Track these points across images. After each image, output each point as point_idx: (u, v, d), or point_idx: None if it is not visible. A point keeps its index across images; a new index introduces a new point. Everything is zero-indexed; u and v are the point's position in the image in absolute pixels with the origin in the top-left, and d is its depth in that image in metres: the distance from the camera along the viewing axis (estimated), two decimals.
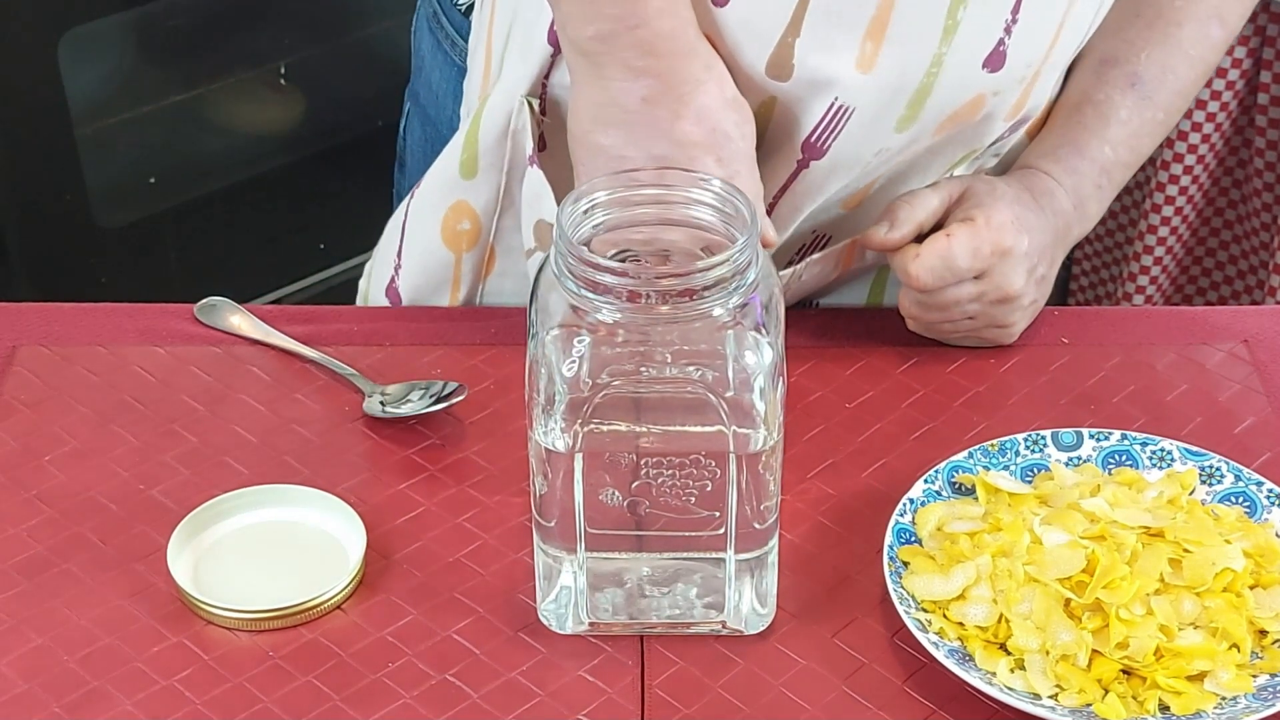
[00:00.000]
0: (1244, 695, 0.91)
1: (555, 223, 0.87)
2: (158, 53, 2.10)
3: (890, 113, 1.06)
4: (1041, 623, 0.93)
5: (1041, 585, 0.94)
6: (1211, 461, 1.03)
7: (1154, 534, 0.96)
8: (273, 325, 1.17)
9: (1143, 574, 0.93)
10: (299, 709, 0.92)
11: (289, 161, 2.19)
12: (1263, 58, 1.81)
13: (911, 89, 1.05)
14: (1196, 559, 0.95)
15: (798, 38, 1.03)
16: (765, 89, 1.05)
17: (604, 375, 0.87)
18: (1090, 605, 0.93)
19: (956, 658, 0.92)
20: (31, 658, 0.94)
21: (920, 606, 0.95)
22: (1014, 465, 1.04)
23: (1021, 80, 1.08)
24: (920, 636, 0.93)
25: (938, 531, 0.99)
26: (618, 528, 0.92)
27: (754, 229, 0.86)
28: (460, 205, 1.16)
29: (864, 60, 1.03)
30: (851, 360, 1.15)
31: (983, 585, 0.95)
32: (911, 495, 1.01)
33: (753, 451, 0.89)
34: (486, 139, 1.12)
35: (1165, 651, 0.92)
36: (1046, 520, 0.97)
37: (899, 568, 0.97)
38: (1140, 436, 1.05)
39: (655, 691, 0.93)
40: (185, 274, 2.14)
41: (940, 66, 1.04)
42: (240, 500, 1.02)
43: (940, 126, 1.08)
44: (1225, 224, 1.95)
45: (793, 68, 1.04)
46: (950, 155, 1.13)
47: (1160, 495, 1.00)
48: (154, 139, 2.12)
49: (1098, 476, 1.02)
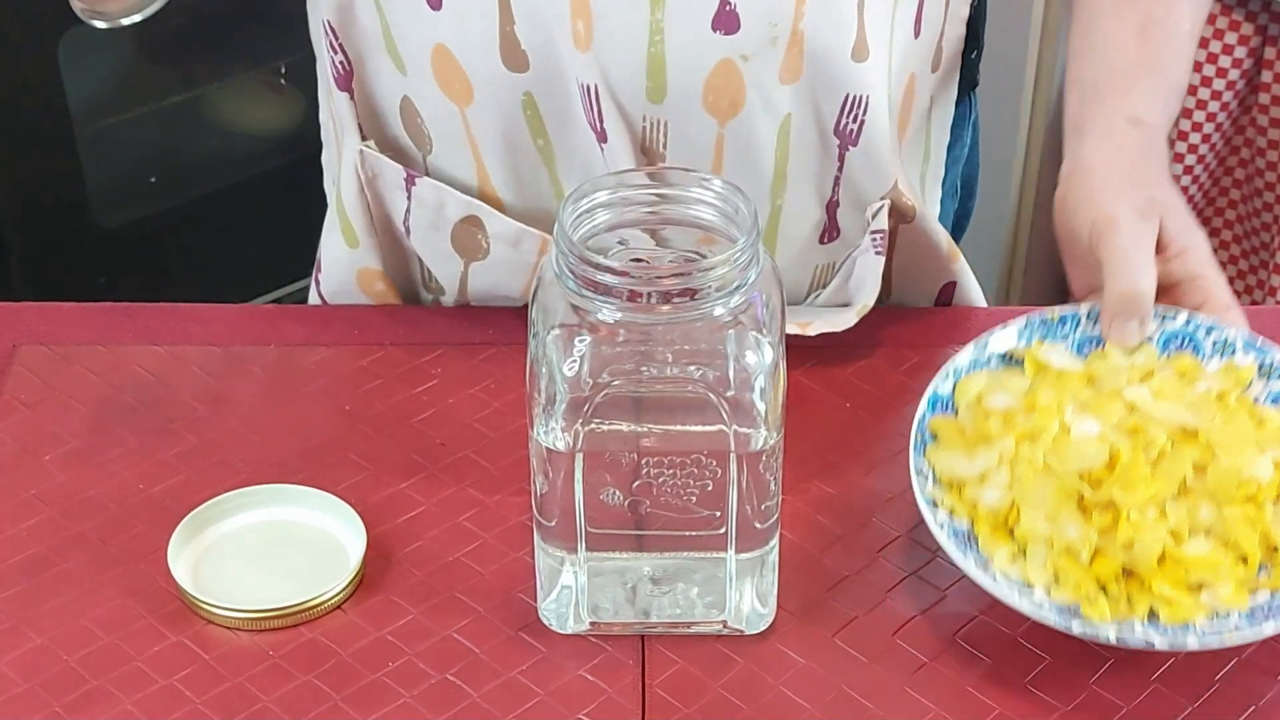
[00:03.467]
0: (1236, 612, 0.90)
1: (556, 222, 0.87)
2: (158, 53, 2.10)
3: (634, 86, 1.05)
4: (1052, 514, 0.91)
5: (1059, 476, 0.92)
6: (1274, 357, 1.00)
7: (1188, 433, 0.94)
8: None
9: (1164, 477, 0.92)
10: (299, 709, 0.92)
11: (289, 161, 2.18)
12: (1263, 57, 1.81)
13: (642, 57, 1.04)
14: (1223, 467, 0.93)
15: (515, 25, 1.04)
16: (516, 85, 1.07)
17: (605, 375, 0.87)
18: (1103, 502, 0.91)
19: (959, 539, 0.91)
20: (31, 658, 0.94)
21: (937, 481, 0.94)
22: (1071, 337, 1.01)
23: (774, 41, 1.05)
24: (928, 514, 0.92)
25: (976, 403, 0.97)
26: (618, 527, 0.92)
27: (754, 229, 0.86)
28: (366, 273, 1.20)
29: (580, 38, 1.04)
30: (851, 360, 1.15)
31: (1003, 470, 0.94)
32: (958, 363, 0.99)
33: (753, 451, 0.89)
34: (349, 200, 1.16)
35: (1169, 557, 0.90)
36: (1082, 408, 0.95)
37: (925, 439, 0.96)
38: (1207, 322, 1.01)
39: (655, 691, 0.93)
40: (185, 274, 2.14)
41: (662, 34, 1.04)
42: (240, 500, 1.02)
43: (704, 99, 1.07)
44: (1225, 224, 1.96)
45: (525, 55, 1.05)
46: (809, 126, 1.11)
47: (1209, 391, 0.97)
48: (154, 139, 2.12)
49: (1153, 360, 1.00)
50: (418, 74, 1.10)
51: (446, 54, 1.07)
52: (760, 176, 1.10)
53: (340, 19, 1.11)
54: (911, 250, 1.17)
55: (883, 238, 1.13)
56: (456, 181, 1.14)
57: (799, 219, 1.13)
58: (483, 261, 1.15)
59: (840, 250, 1.16)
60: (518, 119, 1.09)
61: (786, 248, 1.14)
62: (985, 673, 0.94)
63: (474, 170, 1.12)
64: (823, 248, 1.16)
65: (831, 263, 1.17)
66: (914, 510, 1.03)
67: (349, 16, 1.11)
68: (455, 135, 1.11)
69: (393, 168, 1.14)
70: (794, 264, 1.16)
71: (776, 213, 1.12)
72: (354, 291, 1.21)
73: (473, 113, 1.10)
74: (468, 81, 1.08)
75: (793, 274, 1.16)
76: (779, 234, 1.14)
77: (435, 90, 1.10)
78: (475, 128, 1.10)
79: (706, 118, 1.07)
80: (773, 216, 1.12)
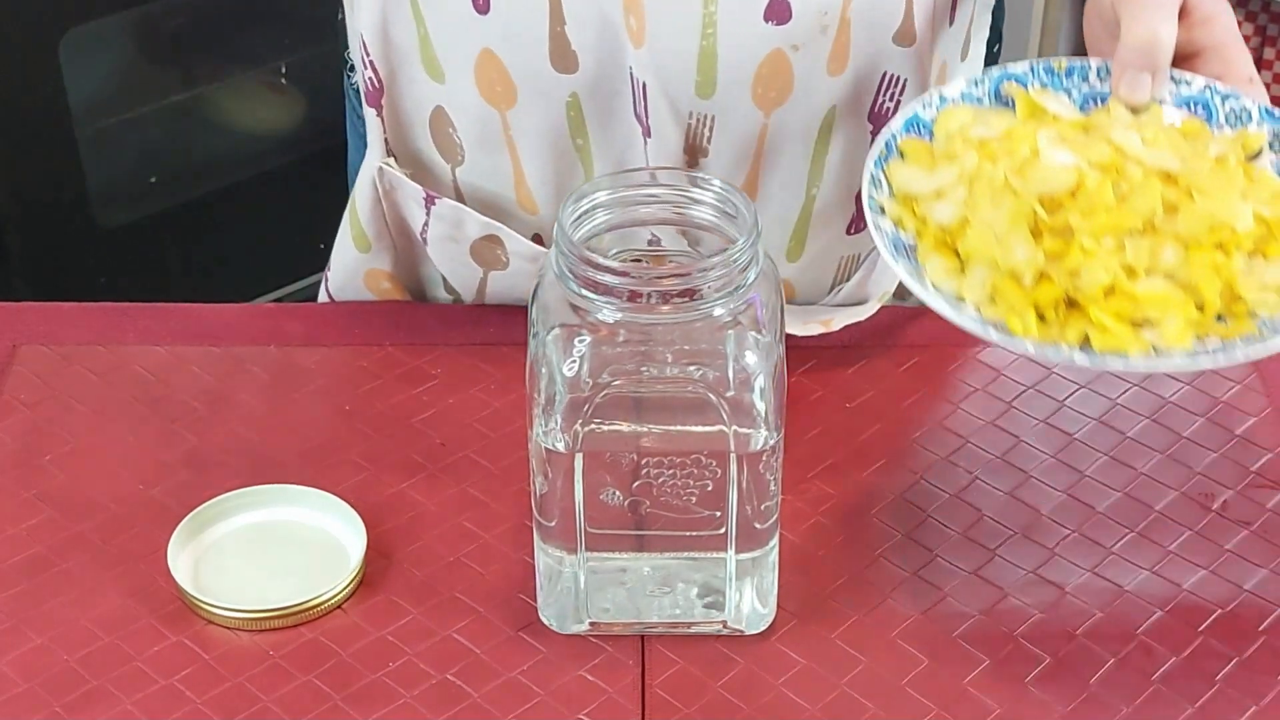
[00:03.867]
0: (1179, 351, 0.84)
1: (556, 222, 0.87)
2: (158, 53, 2.11)
3: (684, 80, 1.05)
4: (1002, 234, 0.85)
5: (1017, 196, 0.86)
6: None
7: (1169, 177, 0.88)
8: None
9: (1130, 210, 0.86)
10: (299, 709, 0.92)
11: (289, 161, 2.19)
12: (1263, 57, 1.81)
13: (694, 51, 1.04)
14: (1197, 210, 0.86)
15: (565, 25, 1.04)
16: (562, 86, 1.07)
17: (604, 375, 0.87)
18: (1058, 227, 0.85)
19: (898, 249, 0.86)
20: (31, 658, 0.94)
21: (893, 195, 0.89)
22: (1076, 91, 0.94)
23: (824, 29, 1.05)
24: (871, 219, 0.87)
25: (957, 134, 0.91)
26: (618, 527, 0.92)
27: (754, 228, 0.86)
28: (374, 273, 1.20)
29: (634, 34, 1.04)
30: (851, 360, 1.15)
31: (960, 189, 0.88)
32: (947, 92, 0.93)
33: (753, 451, 0.89)
34: (363, 210, 1.16)
35: (1118, 291, 0.84)
36: (1059, 139, 0.88)
37: (891, 154, 0.90)
38: (1223, 90, 0.94)
39: (655, 691, 0.93)
40: (185, 274, 2.14)
41: (715, 26, 1.04)
42: (240, 500, 1.02)
43: (754, 93, 1.07)
44: None
45: (574, 55, 1.05)
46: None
47: (1209, 150, 0.91)
48: (154, 139, 2.12)
49: (1159, 120, 0.93)
50: (457, 80, 1.09)
51: (492, 58, 1.07)
52: (798, 167, 1.10)
53: (374, 33, 1.10)
54: None
55: None
56: (489, 186, 1.13)
57: (830, 210, 1.13)
58: (502, 271, 1.15)
59: (865, 242, 1.16)
60: (560, 120, 1.08)
61: (815, 239, 1.14)
62: (985, 673, 0.94)
63: (510, 173, 1.12)
64: (849, 239, 1.16)
65: (856, 254, 1.17)
66: (914, 510, 1.03)
67: (383, 31, 1.10)
68: (493, 139, 1.11)
69: (412, 187, 1.14)
70: (821, 255, 1.16)
71: (810, 203, 1.12)
72: (360, 289, 1.21)
73: (514, 115, 1.09)
74: (512, 84, 1.08)
75: (819, 266, 1.16)
76: (810, 225, 1.14)
77: (475, 96, 1.09)
78: (515, 130, 1.10)
79: (754, 109, 1.07)
80: (805, 208, 1.12)
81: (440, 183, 1.15)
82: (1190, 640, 0.96)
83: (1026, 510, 1.04)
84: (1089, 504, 1.04)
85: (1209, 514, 1.03)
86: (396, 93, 1.12)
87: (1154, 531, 1.02)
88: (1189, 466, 1.07)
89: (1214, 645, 0.95)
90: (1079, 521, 1.03)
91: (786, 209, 1.12)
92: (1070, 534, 1.02)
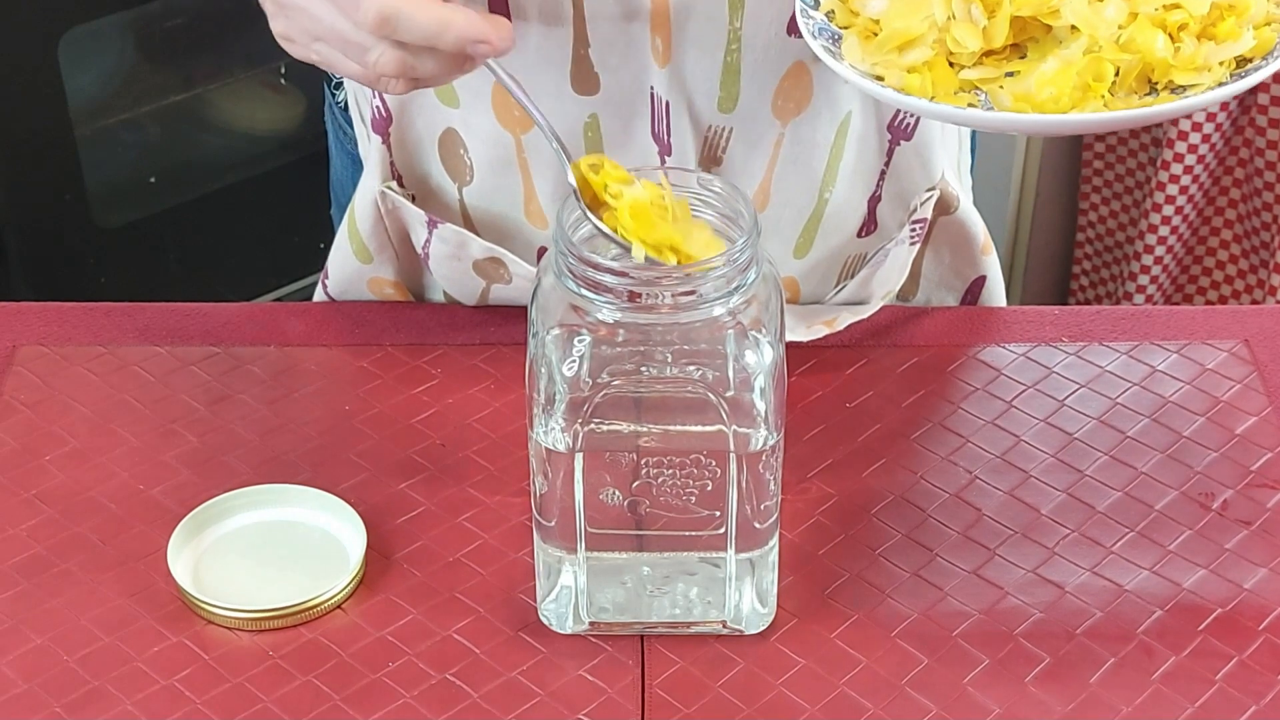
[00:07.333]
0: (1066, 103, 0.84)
1: (555, 222, 0.87)
2: (157, 53, 2.11)
3: (708, 97, 1.05)
4: (940, 19, 0.86)
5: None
6: None
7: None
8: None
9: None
10: (299, 709, 0.92)
11: (289, 161, 2.19)
12: None
13: (718, 67, 1.04)
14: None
15: (589, 48, 1.03)
16: (581, 107, 1.06)
17: (604, 375, 0.87)
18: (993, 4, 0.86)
19: (822, 35, 0.87)
20: (31, 658, 0.94)
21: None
22: None
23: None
24: (799, 5, 0.88)
25: None
26: (618, 527, 0.92)
27: (754, 229, 0.86)
28: (377, 280, 1.19)
29: (658, 53, 1.03)
30: (851, 360, 1.15)
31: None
32: None
33: (753, 451, 0.89)
34: (364, 227, 1.15)
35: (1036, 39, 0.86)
36: None
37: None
38: None
39: (655, 691, 0.93)
40: (185, 274, 2.14)
41: (740, 42, 1.04)
42: (240, 500, 1.02)
43: (774, 105, 1.07)
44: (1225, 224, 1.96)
45: (597, 78, 1.04)
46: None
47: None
48: (154, 139, 2.12)
49: None
50: (473, 105, 1.09)
51: None
52: (812, 173, 1.10)
53: None
54: (948, 243, 1.18)
55: (922, 227, 1.13)
56: (497, 205, 1.13)
57: (842, 213, 1.13)
58: (505, 285, 1.15)
59: (874, 243, 1.16)
60: (577, 141, 1.08)
61: (825, 241, 1.14)
62: (985, 672, 0.94)
63: (520, 193, 1.11)
64: (859, 240, 1.16)
65: (863, 253, 1.17)
66: (914, 510, 1.03)
67: None
68: (505, 161, 1.10)
69: (414, 212, 1.13)
70: (829, 256, 1.15)
71: (822, 206, 1.12)
72: (362, 292, 1.20)
73: (530, 139, 1.09)
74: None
75: (826, 266, 1.16)
76: (820, 228, 1.13)
77: (491, 120, 1.09)
78: (530, 151, 1.09)
79: (772, 120, 1.07)
80: (816, 210, 1.12)
81: (445, 201, 1.14)
82: (1190, 640, 0.96)
83: (1026, 510, 1.04)
84: (1089, 504, 1.04)
85: (1209, 513, 1.03)
86: (406, 121, 1.12)
87: (1154, 531, 1.02)
88: (1189, 466, 1.07)
89: (1214, 645, 0.95)
90: (1079, 521, 1.03)
91: (798, 210, 1.12)
92: (1070, 534, 1.02)
